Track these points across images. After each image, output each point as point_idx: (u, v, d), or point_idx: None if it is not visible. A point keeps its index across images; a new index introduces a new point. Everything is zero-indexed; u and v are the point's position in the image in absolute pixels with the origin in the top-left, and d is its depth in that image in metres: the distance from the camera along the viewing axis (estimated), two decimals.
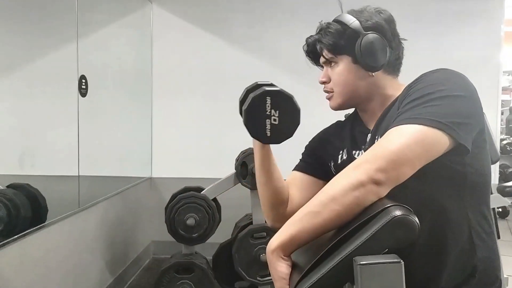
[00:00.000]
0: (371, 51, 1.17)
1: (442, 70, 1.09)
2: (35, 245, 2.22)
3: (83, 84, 2.67)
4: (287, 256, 1.02)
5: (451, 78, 1.06)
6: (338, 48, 1.22)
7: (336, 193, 0.96)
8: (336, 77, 1.25)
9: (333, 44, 1.22)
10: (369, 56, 1.17)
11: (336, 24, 1.22)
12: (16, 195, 2.19)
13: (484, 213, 1.12)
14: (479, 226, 1.09)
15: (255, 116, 1.18)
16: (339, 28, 1.21)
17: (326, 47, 1.24)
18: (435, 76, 1.08)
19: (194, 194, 2.93)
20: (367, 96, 1.25)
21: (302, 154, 1.45)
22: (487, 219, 1.12)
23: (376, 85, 1.23)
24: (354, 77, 1.23)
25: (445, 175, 1.05)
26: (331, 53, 1.24)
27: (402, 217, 0.87)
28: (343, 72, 1.23)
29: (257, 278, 2.90)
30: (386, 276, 0.85)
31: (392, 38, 1.21)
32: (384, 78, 1.23)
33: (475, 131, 1.03)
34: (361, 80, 1.22)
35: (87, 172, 2.77)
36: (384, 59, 1.18)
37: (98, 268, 3.04)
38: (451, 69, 1.09)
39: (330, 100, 1.29)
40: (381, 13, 1.22)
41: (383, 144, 0.98)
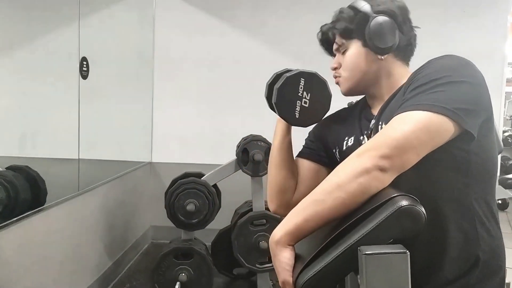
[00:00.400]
0: (380, 33, 1.17)
1: (448, 56, 1.08)
2: (34, 227, 2.21)
3: (84, 66, 2.65)
4: (291, 246, 1.01)
5: (457, 65, 1.05)
6: (349, 32, 1.23)
7: (340, 180, 0.96)
8: (346, 61, 1.26)
9: (344, 28, 1.23)
10: (378, 38, 1.17)
11: (348, 10, 1.24)
12: (16, 177, 2.18)
13: (489, 202, 1.11)
14: (484, 216, 1.08)
15: (287, 96, 1.20)
16: (351, 12, 1.22)
17: (338, 32, 1.25)
18: (441, 62, 1.06)
19: (194, 180, 2.93)
20: (375, 81, 1.24)
21: (306, 140, 1.44)
22: (492, 210, 1.11)
23: (385, 70, 1.22)
24: (364, 60, 1.23)
25: (450, 163, 1.04)
26: (343, 37, 1.25)
27: (409, 207, 0.86)
28: (353, 56, 1.24)
29: (256, 265, 2.91)
30: (391, 266, 0.84)
31: (403, 23, 1.21)
32: (393, 63, 1.23)
33: (481, 118, 1.02)
34: (370, 63, 1.22)
35: (87, 155, 2.76)
36: (393, 42, 1.18)
37: (97, 252, 3.04)
38: (457, 55, 1.08)
39: (341, 84, 1.29)
40: (396, 1, 1.23)
41: (388, 131, 0.97)
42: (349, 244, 0.88)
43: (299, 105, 1.20)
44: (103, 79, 3.00)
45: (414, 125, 0.95)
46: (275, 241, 1.02)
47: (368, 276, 0.84)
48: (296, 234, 1.00)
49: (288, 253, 1.00)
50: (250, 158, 2.94)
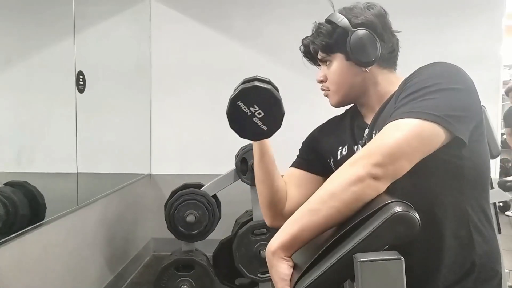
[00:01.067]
0: (361, 46, 1.18)
1: (438, 63, 1.09)
2: (34, 243, 2.21)
3: (80, 80, 2.66)
4: (288, 257, 1.02)
5: (447, 72, 1.06)
6: (329, 47, 1.24)
7: (334, 189, 0.96)
8: (331, 75, 1.27)
9: (325, 44, 1.24)
10: (360, 52, 1.18)
11: (326, 24, 1.24)
12: (14, 193, 2.18)
13: (484, 207, 1.11)
14: (478, 221, 1.09)
15: (240, 119, 1.20)
16: (329, 27, 1.23)
17: (318, 47, 1.26)
18: (432, 69, 1.08)
19: (193, 191, 2.93)
20: (363, 91, 1.26)
21: (300, 151, 1.45)
22: (486, 214, 1.12)
23: (372, 80, 1.24)
24: (349, 74, 1.24)
25: (443, 169, 1.05)
26: (324, 52, 1.26)
27: (403, 213, 0.87)
28: (337, 70, 1.25)
29: (258, 274, 2.90)
30: (386, 273, 0.85)
31: (384, 31, 1.22)
32: (379, 72, 1.24)
33: (472, 124, 1.03)
34: (356, 76, 1.23)
35: (86, 169, 2.77)
36: (375, 54, 1.18)
37: (98, 265, 3.04)
38: (447, 62, 1.09)
39: (329, 98, 1.31)
40: (372, 8, 1.24)
41: (380, 139, 0.98)
42: (345, 252, 0.88)
43: (257, 120, 1.19)
44: (100, 93, 3.01)
45: (406, 132, 0.96)
46: (271, 252, 1.02)
47: (364, 283, 0.84)
48: (292, 244, 1.00)
49: (285, 263, 1.00)
50: (249, 167, 2.94)
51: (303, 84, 3.80)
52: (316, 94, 1.31)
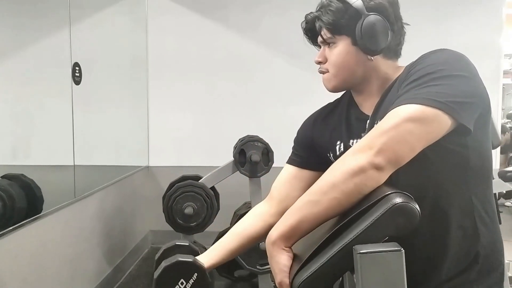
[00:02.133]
0: (372, 33, 1.13)
1: (442, 50, 1.07)
2: (31, 236, 2.21)
3: (76, 72, 2.65)
4: (288, 247, 1.01)
5: (451, 58, 1.04)
6: (337, 27, 1.17)
7: (336, 180, 0.95)
8: (333, 58, 1.20)
9: (333, 23, 1.17)
10: (370, 39, 1.13)
11: (337, 2, 1.17)
12: (11, 186, 2.18)
13: (488, 197, 1.11)
14: (483, 211, 1.08)
15: None
16: (341, 6, 1.16)
17: (325, 25, 1.18)
18: (435, 56, 1.06)
19: (192, 183, 2.93)
20: (364, 79, 1.21)
21: (294, 147, 1.41)
22: (490, 204, 1.11)
23: (375, 69, 1.19)
24: (352, 59, 1.18)
25: (447, 158, 1.04)
26: (330, 32, 1.19)
27: (403, 205, 0.87)
28: (341, 54, 1.19)
29: (257, 266, 2.91)
30: (386, 264, 0.85)
31: (395, 21, 1.17)
32: (383, 62, 1.19)
33: (477, 112, 1.01)
34: (359, 63, 1.19)
35: (83, 161, 2.76)
36: (385, 43, 1.14)
37: (96, 258, 3.04)
38: (451, 49, 1.07)
39: (325, 81, 1.25)
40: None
41: (382, 127, 0.96)
42: (344, 243, 0.88)
43: None
44: (96, 84, 3.00)
45: (407, 119, 0.94)
46: (271, 243, 1.02)
47: (364, 275, 0.84)
48: (291, 235, 1.00)
49: (284, 254, 1.00)
50: (248, 159, 2.94)
51: (301, 74, 3.82)
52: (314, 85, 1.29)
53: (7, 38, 2.16)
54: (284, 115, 3.88)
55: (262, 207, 1.40)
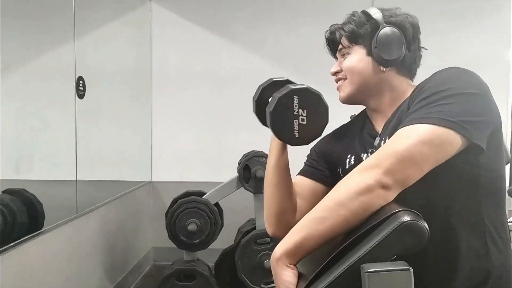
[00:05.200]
0: (386, 43, 1.17)
1: (452, 68, 1.08)
2: (32, 252, 2.21)
3: (80, 86, 2.67)
4: (293, 265, 1.01)
5: (462, 76, 1.05)
6: (355, 36, 1.23)
7: (342, 198, 0.95)
8: (347, 64, 1.25)
9: (352, 31, 1.23)
10: (383, 48, 1.17)
11: (360, 14, 1.24)
12: (12, 201, 2.18)
13: (500, 217, 1.10)
14: (494, 231, 1.08)
15: (282, 118, 1.16)
16: (362, 17, 1.23)
17: (345, 34, 1.25)
18: (445, 74, 1.06)
19: (195, 199, 2.93)
20: (376, 91, 1.23)
21: (308, 159, 1.42)
22: (502, 224, 1.10)
23: (387, 82, 1.21)
24: (365, 68, 1.22)
25: (457, 177, 1.03)
26: (348, 40, 1.24)
27: (411, 223, 0.86)
28: (354, 61, 1.23)
29: (261, 285, 2.89)
30: (395, 283, 0.84)
31: (412, 41, 1.21)
32: (396, 77, 1.21)
33: (489, 130, 1.01)
34: (372, 73, 1.21)
35: (85, 176, 2.77)
36: (398, 55, 1.17)
37: (98, 275, 3.04)
38: (461, 67, 1.08)
39: (341, 88, 1.28)
40: (410, 17, 1.23)
41: (391, 146, 0.97)
42: (352, 262, 0.87)
43: (296, 124, 1.15)
44: (100, 98, 3.02)
45: (417, 139, 0.94)
46: (275, 260, 1.01)
47: None
48: (296, 252, 0.99)
49: (290, 272, 1.00)
50: (252, 175, 2.94)
51: None
52: None
53: (12, 52, 2.18)
54: None
55: None
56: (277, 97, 1.15)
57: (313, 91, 1.17)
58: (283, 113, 1.15)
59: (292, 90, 1.15)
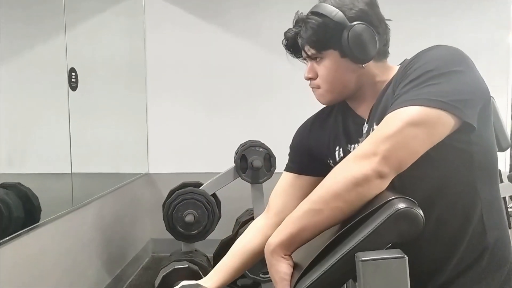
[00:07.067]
0: (360, 43, 1.12)
1: (437, 47, 1.06)
2: (29, 246, 2.22)
3: (72, 77, 2.66)
4: (288, 255, 1.01)
5: (447, 54, 1.03)
6: (322, 43, 1.16)
7: (338, 189, 0.94)
8: (324, 72, 1.20)
9: (316, 40, 1.16)
10: (359, 49, 1.12)
11: (316, 17, 1.15)
12: (8, 195, 2.18)
13: (494, 193, 1.10)
14: (490, 206, 1.07)
15: None
16: (321, 21, 1.14)
17: (308, 43, 1.17)
18: (430, 53, 1.05)
19: (192, 190, 2.93)
20: (358, 87, 1.21)
21: (290, 154, 1.40)
22: (497, 199, 1.10)
23: (367, 75, 1.19)
24: (344, 71, 1.18)
25: (451, 157, 1.03)
26: (315, 49, 1.17)
27: (406, 210, 0.86)
28: (331, 68, 1.18)
29: (260, 275, 2.90)
30: (389, 271, 0.84)
31: (379, 23, 1.17)
32: (374, 66, 1.19)
33: (478, 106, 1.00)
34: (351, 73, 1.18)
35: (81, 169, 2.77)
36: (375, 49, 1.14)
37: (96, 268, 3.05)
38: (445, 45, 1.06)
39: (320, 97, 1.24)
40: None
41: (383, 131, 0.95)
42: (346, 250, 0.87)
43: None
44: (94, 90, 3.01)
45: (410, 123, 0.93)
46: (270, 251, 1.01)
47: (366, 283, 0.83)
48: (291, 244, 0.99)
49: (284, 262, 1.00)
50: (249, 165, 2.94)
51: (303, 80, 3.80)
52: None
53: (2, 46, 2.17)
54: (286, 119, 3.87)
55: (260, 220, 1.39)
56: None
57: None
58: None
59: None
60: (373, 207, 0.89)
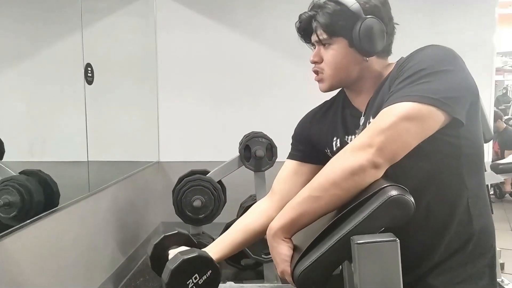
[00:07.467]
0: (370, 36, 1.11)
1: (430, 46, 1.07)
2: (48, 229, 2.22)
3: (89, 72, 2.65)
4: (288, 238, 1.02)
5: (439, 54, 1.04)
6: (335, 29, 1.15)
7: (336, 177, 0.95)
8: (330, 58, 1.18)
9: (330, 25, 1.14)
10: (367, 42, 1.12)
11: (334, 4, 1.14)
12: (29, 181, 2.18)
13: (480, 182, 1.11)
14: (475, 196, 1.08)
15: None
16: (338, 8, 1.13)
17: (321, 27, 1.16)
18: (424, 53, 1.06)
19: (200, 177, 2.93)
20: (358, 78, 1.20)
21: (293, 143, 1.40)
22: (482, 188, 1.11)
23: (369, 68, 1.18)
24: (349, 61, 1.17)
25: (441, 149, 1.04)
26: (327, 33, 1.16)
27: (398, 197, 0.87)
28: (337, 55, 1.17)
29: (262, 255, 2.92)
30: (382, 254, 0.85)
31: (388, 22, 1.16)
32: (376, 62, 1.18)
33: (467, 103, 1.02)
34: (354, 64, 1.17)
35: (96, 157, 2.77)
36: (382, 45, 1.14)
37: (110, 249, 3.05)
38: (438, 44, 1.07)
39: (320, 81, 1.23)
40: None
41: (378, 124, 0.96)
42: (342, 234, 0.88)
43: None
44: (108, 84, 3.00)
45: (404, 117, 0.94)
46: (271, 235, 1.02)
47: (361, 264, 0.85)
48: (291, 228, 1.00)
49: (285, 244, 1.01)
50: (252, 154, 2.94)
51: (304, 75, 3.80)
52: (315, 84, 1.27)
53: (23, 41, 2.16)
54: (287, 112, 3.84)
55: (264, 202, 1.39)
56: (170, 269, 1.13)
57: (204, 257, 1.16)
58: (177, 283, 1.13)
59: (184, 261, 1.13)
60: (368, 194, 0.90)
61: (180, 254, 1.16)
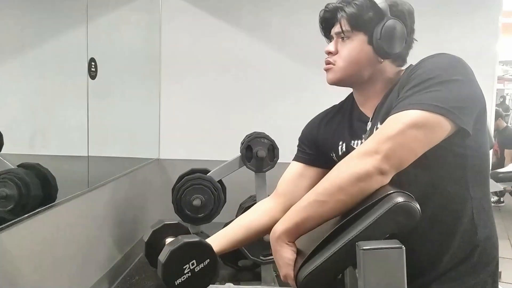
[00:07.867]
0: (391, 37, 1.11)
1: (440, 55, 1.07)
2: (46, 223, 2.20)
3: (92, 67, 2.63)
4: (292, 242, 1.01)
5: (449, 63, 1.04)
6: (358, 22, 1.15)
7: (342, 183, 0.94)
8: (345, 51, 1.18)
9: (355, 16, 1.14)
10: (387, 41, 1.12)
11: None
12: (27, 174, 2.16)
13: (485, 193, 1.10)
14: (480, 207, 1.08)
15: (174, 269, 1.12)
16: (367, 3, 1.14)
17: (347, 17, 1.16)
18: (434, 61, 1.05)
19: (200, 176, 2.92)
20: (369, 80, 1.19)
21: (300, 145, 1.39)
22: (487, 199, 1.11)
23: (381, 72, 1.18)
24: (363, 57, 1.16)
25: (447, 158, 1.03)
26: (350, 25, 1.16)
27: (404, 204, 0.87)
28: (355, 49, 1.16)
29: (260, 257, 2.90)
30: (388, 260, 0.85)
31: (410, 31, 1.18)
32: (390, 67, 1.19)
33: (475, 114, 1.01)
34: (368, 62, 1.17)
35: (96, 152, 2.75)
36: (399, 49, 1.14)
37: (107, 246, 3.04)
38: (448, 53, 1.07)
39: (329, 72, 1.22)
40: (406, 4, 1.18)
41: (386, 131, 0.96)
42: (348, 239, 0.88)
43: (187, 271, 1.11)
44: (111, 80, 2.98)
45: (412, 125, 0.94)
46: (275, 238, 1.02)
47: (366, 270, 0.84)
48: (295, 231, 1.00)
49: (288, 248, 1.00)
50: (254, 155, 2.93)
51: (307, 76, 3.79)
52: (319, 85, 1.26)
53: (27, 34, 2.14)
54: (290, 113, 3.86)
55: (268, 202, 1.38)
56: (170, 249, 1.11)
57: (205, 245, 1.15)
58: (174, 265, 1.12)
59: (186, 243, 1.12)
60: (374, 200, 0.90)
61: (181, 237, 1.15)
